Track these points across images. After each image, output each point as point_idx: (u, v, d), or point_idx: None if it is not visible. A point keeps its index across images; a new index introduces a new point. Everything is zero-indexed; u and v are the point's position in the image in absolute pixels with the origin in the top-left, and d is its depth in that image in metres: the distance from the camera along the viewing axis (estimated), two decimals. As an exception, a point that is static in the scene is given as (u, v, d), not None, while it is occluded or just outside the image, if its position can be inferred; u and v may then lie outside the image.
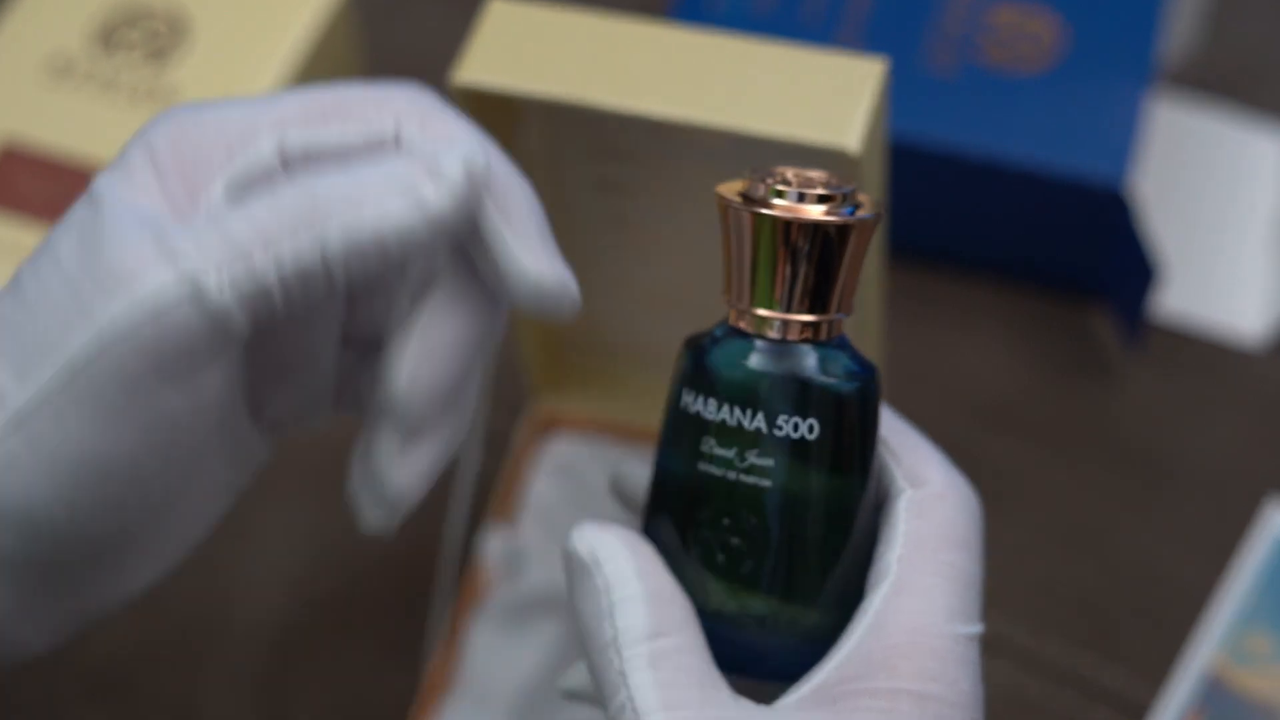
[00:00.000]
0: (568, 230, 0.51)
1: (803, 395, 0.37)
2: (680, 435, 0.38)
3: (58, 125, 0.61)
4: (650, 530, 0.39)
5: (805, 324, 0.37)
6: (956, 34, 0.62)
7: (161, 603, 0.53)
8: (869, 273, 0.48)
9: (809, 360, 0.37)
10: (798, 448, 0.37)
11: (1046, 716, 0.55)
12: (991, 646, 0.56)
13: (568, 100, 0.44)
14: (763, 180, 0.38)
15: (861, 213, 0.37)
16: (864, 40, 0.62)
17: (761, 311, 0.37)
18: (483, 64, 0.44)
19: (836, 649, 0.37)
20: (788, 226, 0.37)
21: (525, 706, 0.53)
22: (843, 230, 0.37)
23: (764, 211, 0.37)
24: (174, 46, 0.63)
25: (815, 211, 0.37)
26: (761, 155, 0.44)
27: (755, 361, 0.37)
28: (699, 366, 0.38)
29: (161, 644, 0.57)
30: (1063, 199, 0.60)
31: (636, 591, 0.36)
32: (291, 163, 0.38)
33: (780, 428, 0.37)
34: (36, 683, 0.56)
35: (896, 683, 0.36)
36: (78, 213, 0.36)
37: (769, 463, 0.37)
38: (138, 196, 0.36)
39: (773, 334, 0.37)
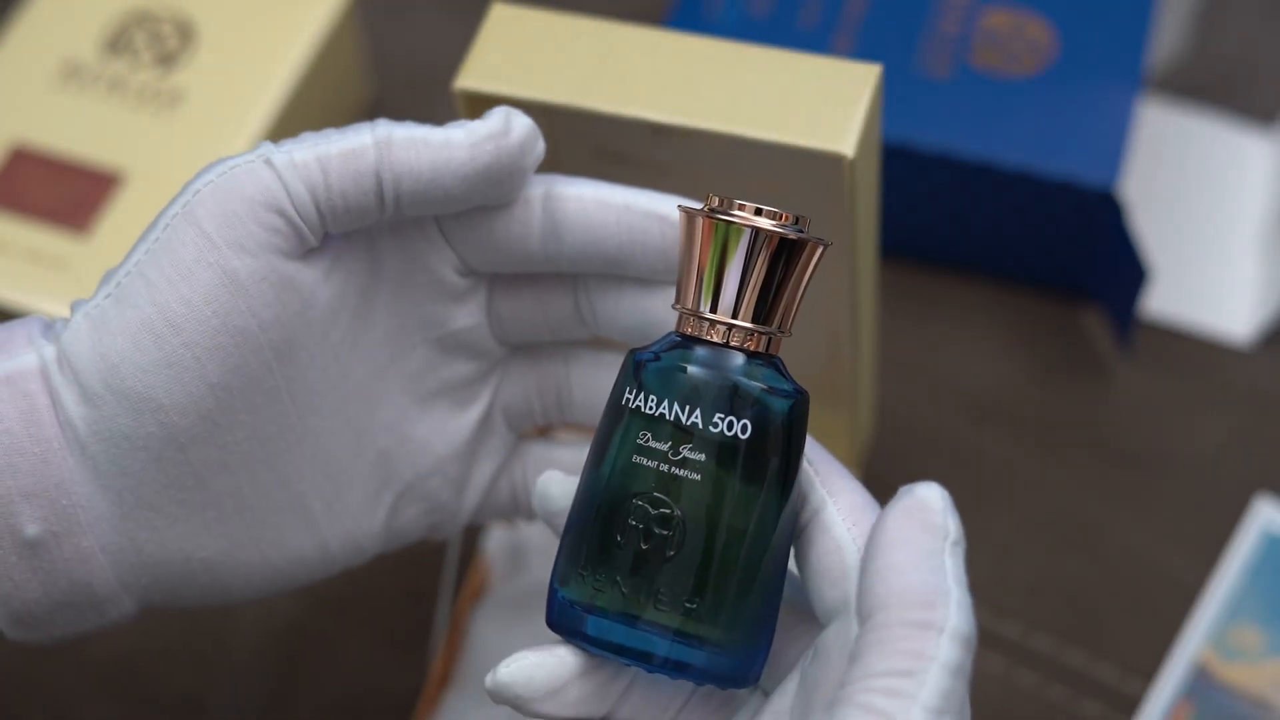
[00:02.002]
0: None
1: (738, 398, 0.38)
2: (617, 429, 0.39)
3: (66, 128, 0.61)
4: (573, 527, 0.40)
5: (747, 331, 0.39)
6: (950, 38, 0.63)
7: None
8: (865, 274, 0.48)
9: (747, 366, 0.39)
10: (728, 447, 0.38)
11: (1037, 710, 0.55)
12: (983, 641, 0.57)
13: (568, 105, 0.44)
14: (722, 199, 0.39)
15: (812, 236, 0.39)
16: (859, 44, 0.62)
17: (706, 314, 0.39)
18: (484, 69, 0.45)
19: (840, 578, 0.38)
20: (739, 232, 0.38)
21: (526, 699, 0.53)
22: (791, 245, 0.38)
23: (719, 216, 0.38)
24: (181, 50, 0.63)
25: (768, 224, 0.38)
26: (758, 159, 0.45)
27: (696, 361, 0.39)
28: (642, 365, 0.39)
29: (168, 638, 0.57)
30: (1054, 200, 0.60)
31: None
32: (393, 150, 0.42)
33: (715, 425, 0.38)
34: (44, 677, 0.57)
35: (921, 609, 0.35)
36: None
37: (700, 457, 0.38)
38: None
39: (715, 337, 0.39)
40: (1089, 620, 0.57)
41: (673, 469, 0.38)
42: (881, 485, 0.60)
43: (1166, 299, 0.64)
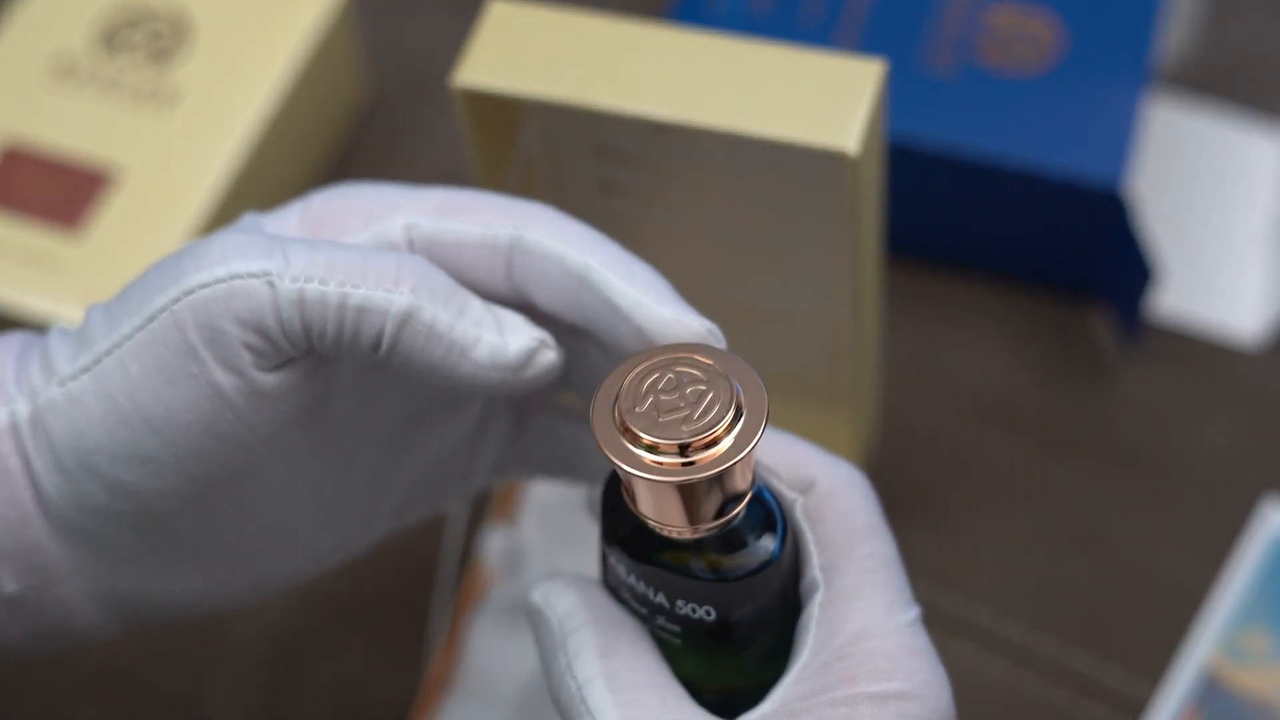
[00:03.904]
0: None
1: (696, 588, 0.37)
2: (603, 565, 0.39)
3: (61, 126, 0.61)
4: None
5: (707, 529, 0.36)
6: (955, 35, 0.63)
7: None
8: (868, 273, 0.48)
9: (708, 554, 0.37)
10: (698, 625, 0.38)
11: (1043, 714, 0.55)
12: (988, 644, 0.57)
13: (568, 102, 0.44)
14: (638, 432, 0.35)
15: (746, 424, 0.35)
16: (862, 41, 0.62)
17: (663, 525, 0.36)
18: (483, 66, 0.45)
19: (789, 668, 0.38)
20: (672, 488, 0.35)
21: (526, 704, 0.53)
22: (732, 466, 0.35)
23: (649, 478, 0.35)
24: (176, 48, 0.63)
25: (697, 468, 0.35)
26: (760, 157, 0.44)
27: (657, 555, 0.37)
28: (612, 525, 0.38)
29: (163, 642, 0.57)
30: (1060, 199, 0.60)
31: (585, 620, 0.38)
32: (416, 245, 0.40)
33: (679, 608, 0.37)
34: (39, 679, 0.56)
35: (855, 688, 0.36)
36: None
37: (676, 629, 0.38)
38: (270, 229, 0.40)
39: (675, 534, 0.37)
40: (1094, 622, 0.57)
41: (656, 630, 0.39)
42: (884, 486, 0.60)
43: (1174, 298, 0.64)
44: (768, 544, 0.38)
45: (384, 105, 0.70)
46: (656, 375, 0.36)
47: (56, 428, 0.38)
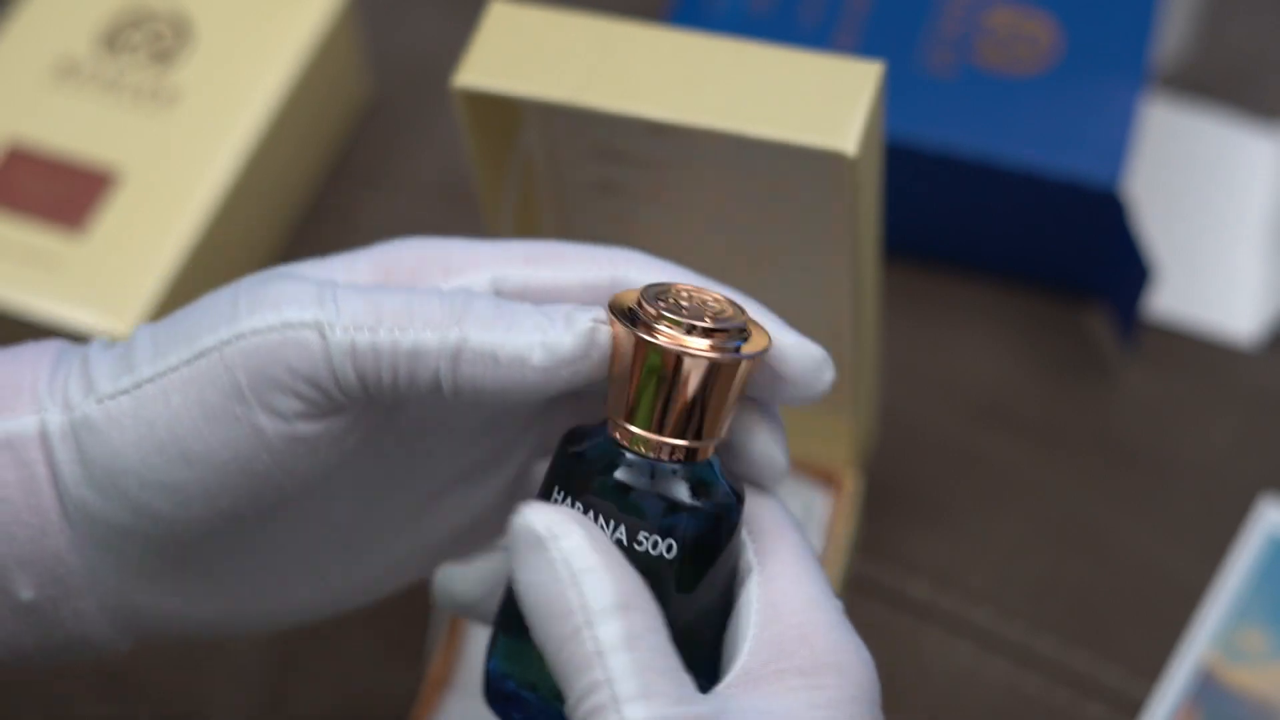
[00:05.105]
0: (568, 232, 0.51)
1: (664, 515, 0.37)
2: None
3: (62, 126, 0.61)
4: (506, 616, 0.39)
5: (676, 447, 0.37)
6: (953, 36, 0.63)
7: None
8: (868, 273, 0.48)
9: (676, 483, 0.37)
10: (653, 564, 0.37)
11: (1041, 713, 0.55)
12: (987, 643, 0.57)
13: (568, 103, 0.44)
14: (655, 301, 0.37)
15: (748, 349, 0.37)
16: (861, 42, 0.62)
17: (636, 429, 0.37)
18: (483, 67, 0.45)
19: (740, 638, 0.38)
20: (672, 358, 0.36)
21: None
22: (726, 367, 0.37)
23: (649, 339, 0.36)
24: (177, 49, 0.63)
25: (700, 345, 0.36)
26: (759, 158, 0.44)
27: (621, 475, 0.37)
28: (570, 468, 0.38)
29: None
30: (1058, 199, 0.60)
31: (597, 563, 0.35)
32: (505, 297, 0.40)
33: (640, 544, 0.37)
34: (39, 680, 0.56)
35: (817, 657, 0.37)
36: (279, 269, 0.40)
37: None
38: (340, 274, 0.40)
39: (644, 450, 0.37)
40: (1093, 622, 0.57)
41: None
42: (884, 488, 0.60)
43: (1171, 298, 0.64)
44: (732, 493, 0.38)
45: (384, 105, 0.70)
46: (669, 296, 0.37)
47: (90, 444, 0.38)
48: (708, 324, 0.37)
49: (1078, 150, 0.59)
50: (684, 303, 0.37)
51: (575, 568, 0.35)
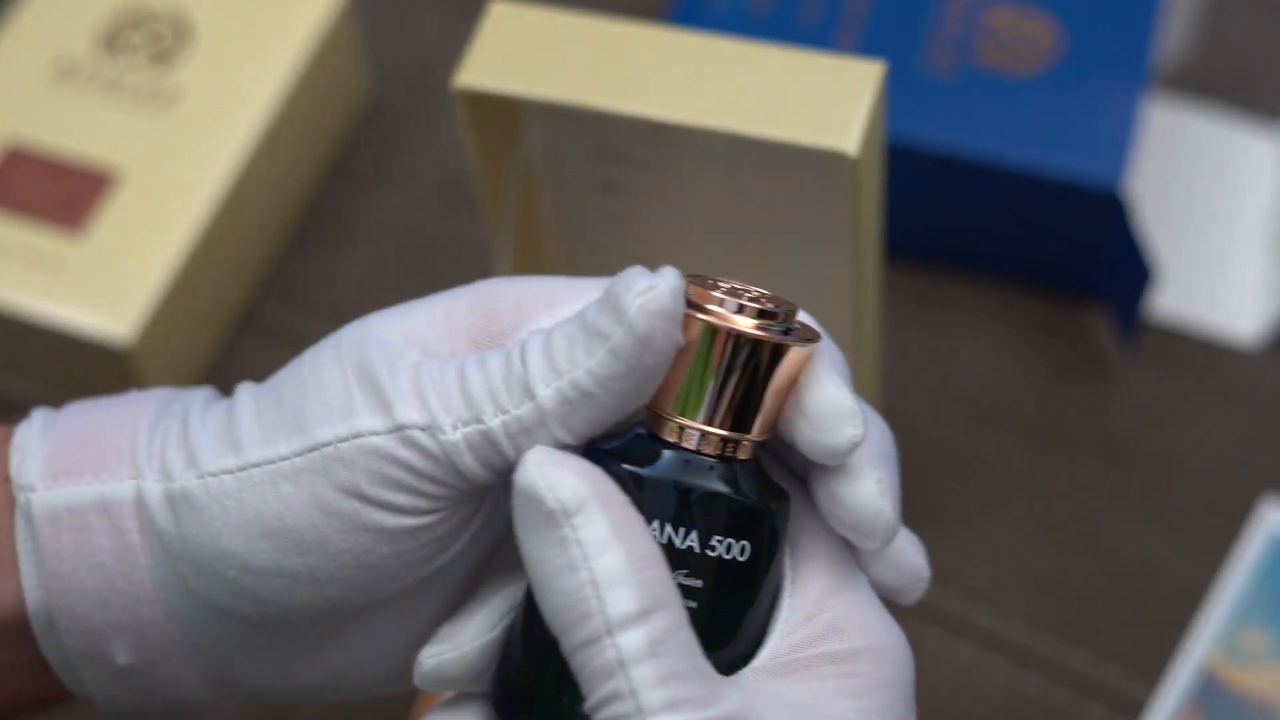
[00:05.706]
0: (568, 232, 0.51)
1: (738, 516, 0.36)
2: None
3: (62, 127, 0.61)
4: (517, 676, 0.37)
5: (735, 441, 0.36)
6: (954, 36, 0.63)
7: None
8: (868, 273, 0.48)
9: (742, 479, 0.36)
10: (728, 569, 0.36)
11: (1042, 713, 0.55)
12: (987, 643, 0.57)
13: (568, 103, 0.44)
14: (704, 285, 0.36)
15: (797, 335, 0.36)
16: (862, 42, 0.62)
17: (691, 423, 0.36)
18: (484, 67, 0.45)
19: (774, 620, 0.37)
20: (725, 336, 0.35)
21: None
22: (775, 349, 0.36)
23: (699, 316, 0.35)
24: (178, 49, 0.63)
25: (748, 324, 0.35)
26: (760, 158, 0.44)
27: (687, 475, 0.36)
28: (617, 478, 0.35)
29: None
30: (1059, 200, 0.60)
31: (619, 558, 0.33)
32: None
33: (713, 548, 0.35)
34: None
35: (849, 643, 0.36)
36: (356, 331, 0.38)
37: (697, 583, 0.36)
38: (441, 323, 0.38)
39: (708, 449, 0.36)
40: (1093, 622, 0.57)
41: None
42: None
43: (1172, 299, 0.64)
44: (782, 491, 0.37)
45: (384, 105, 0.70)
46: (723, 287, 0.36)
47: (190, 522, 0.37)
48: (759, 305, 0.36)
49: (1078, 150, 0.59)
50: (736, 288, 0.36)
51: (593, 563, 0.34)
